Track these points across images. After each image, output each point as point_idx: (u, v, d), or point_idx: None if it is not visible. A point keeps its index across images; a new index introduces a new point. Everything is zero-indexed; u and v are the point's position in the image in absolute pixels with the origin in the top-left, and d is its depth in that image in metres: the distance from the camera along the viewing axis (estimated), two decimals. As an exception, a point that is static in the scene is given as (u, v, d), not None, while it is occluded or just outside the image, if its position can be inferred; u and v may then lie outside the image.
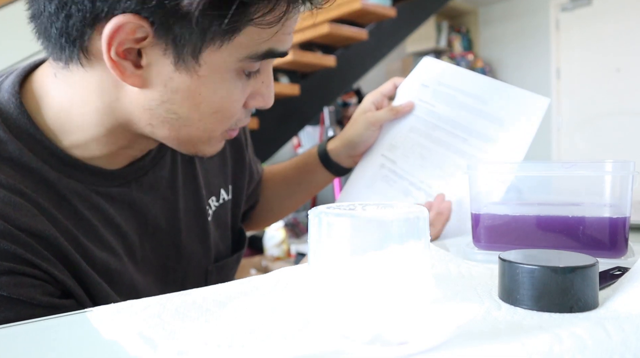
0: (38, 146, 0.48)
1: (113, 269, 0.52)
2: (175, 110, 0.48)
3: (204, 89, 0.47)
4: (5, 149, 0.47)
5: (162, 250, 0.59)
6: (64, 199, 0.49)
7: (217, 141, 0.54)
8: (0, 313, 0.41)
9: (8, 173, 0.46)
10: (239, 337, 0.31)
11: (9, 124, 0.48)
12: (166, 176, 0.60)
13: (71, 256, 0.47)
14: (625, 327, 0.31)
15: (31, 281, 0.43)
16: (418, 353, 0.28)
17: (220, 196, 0.69)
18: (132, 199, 0.56)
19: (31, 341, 0.32)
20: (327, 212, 0.29)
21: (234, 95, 0.49)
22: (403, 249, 0.28)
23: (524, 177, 0.57)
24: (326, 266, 0.29)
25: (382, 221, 0.29)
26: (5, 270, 0.42)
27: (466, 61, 4.92)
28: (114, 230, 0.53)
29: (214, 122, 0.50)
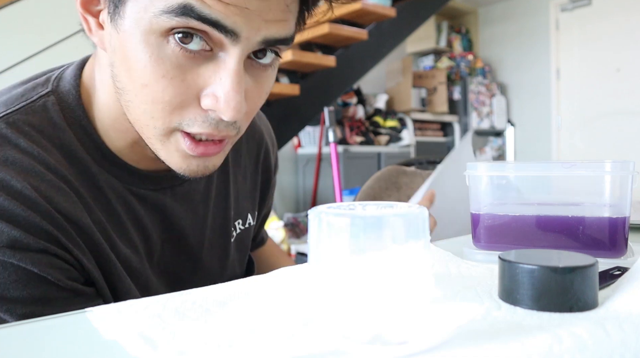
0: (87, 138, 0.50)
1: (134, 267, 0.53)
2: (119, 76, 0.45)
3: (129, 50, 0.43)
4: (59, 136, 0.49)
5: (180, 260, 0.60)
6: (101, 192, 0.51)
7: (176, 148, 0.47)
8: (27, 289, 0.43)
9: (57, 159, 0.48)
10: (239, 337, 0.31)
11: (66, 114, 0.50)
12: (200, 190, 0.60)
13: (101, 246, 0.49)
14: (625, 326, 0.31)
15: (61, 264, 0.45)
16: (418, 353, 0.28)
17: (247, 220, 0.69)
18: (164, 205, 0.56)
19: (31, 341, 0.32)
20: (327, 212, 0.29)
21: (162, 68, 0.42)
22: (403, 249, 0.28)
23: (524, 177, 0.57)
24: (326, 266, 0.29)
25: (382, 221, 0.29)
26: (41, 248, 0.43)
27: (466, 61, 4.92)
28: (140, 230, 0.54)
29: (149, 103, 0.44)
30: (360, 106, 3.98)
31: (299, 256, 3.00)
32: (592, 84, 4.40)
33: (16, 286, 0.43)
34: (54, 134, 0.49)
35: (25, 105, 0.49)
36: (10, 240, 0.42)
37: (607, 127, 4.29)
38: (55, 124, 0.49)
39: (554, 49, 4.63)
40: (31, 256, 0.43)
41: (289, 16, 0.45)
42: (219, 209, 0.63)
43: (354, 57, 2.83)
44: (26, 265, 0.43)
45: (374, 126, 4.09)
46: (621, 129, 4.19)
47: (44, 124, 0.49)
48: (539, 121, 4.76)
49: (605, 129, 4.30)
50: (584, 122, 4.46)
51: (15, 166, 0.44)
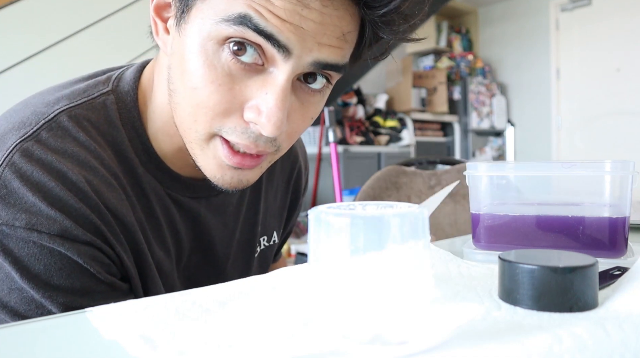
0: (137, 139, 0.52)
1: (165, 270, 0.54)
2: (174, 79, 0.47)
3: (187, 53, 0.44)
4: (113, 134, 0.51)
5: (206, 269, 0.61)
6: (144, 193, 0.52)
7: (213, 155, 0.47)
8: (70, 279, 0.44)
9: (110, 156, 0.50)
10: (239, 337, 0.31)
11: (122, 113, 0.52)
12: (234, 203, 0.62)
13: (140, 246, 0.50)
14: (624, 326, 0.31)
15: (103, 258, 0.46)
16: (418, 353, 0.28)
17: (272, 237, 0.70)
18: (198, 214, 0.58)
19: (31, 341, 0.32)
20: (327, 212, 0.29)
21: (212, 73, 0.43)
22: (403, 249, 0.28)
23: (524, 177, 0.57)
24: (326, 266, 0.29)
25: (382, 220, 0.29)
26: (87, 241, 0.45)
27: (466, 61, 4.92)
28: (173, 235, 0.56)
29: (194, 106, 0.45)
30: (360, 106, 3.98)
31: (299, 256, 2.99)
32: (592, 84, 4.40)
33: (60, 275, 0.44)
34: (108, 132, 0.50)
35: (87, 101, 0.51)
36: (62, 229, 0.43)
37: (607, 127, 4.29)
38: (112, 122, 0.51)
39: (554, 49, 4.63)
40: (77, 247, 0.44)
41: (344, 45, 0.45)
42: (248, 225, 0.65)
43: (354, 57, 2.82)
44: (72, 254, 0.44)
45: (374, 126, 4.09)
46: (621, 129, 4.19)
47: (101, 122, 0.50)
48: (539, 121, 4.76)
49: (605, 129, 4.30)
50: (584, 122, 4.46)
51: (73, 159, 0.46)
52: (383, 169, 1.23)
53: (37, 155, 0.45)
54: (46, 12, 1.94)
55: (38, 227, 0.42)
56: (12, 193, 0.43)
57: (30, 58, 1.88)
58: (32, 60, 1.87)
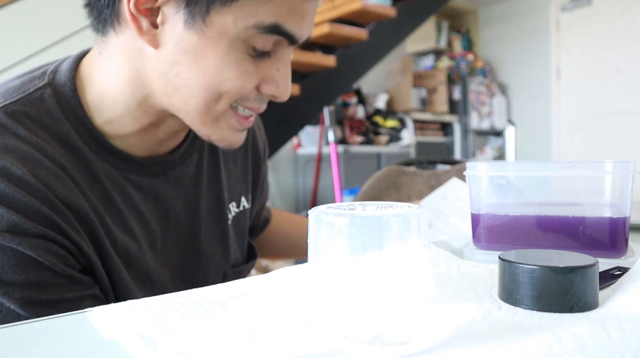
0: (82, 128, 0.52)
1: (132, 254, 0.54)
2: (184, 74, 0.50)
3: (211, 53, 0.48)
4: (55, 126, 0.51)
5: (182, 246, 0.61)
6: (97, 179, 0.52)
7: (228, 126, 0.54)
8: (25, 274, 0.44)
9: (54, 148, 0.49)
10: (239, 337, 0.31)
11: (62, 105, 0.52)
12: (191, 174, 0.62)
13: (97, 232, 0.50)
14: (625, 326, 0.31)
15: (58, 250, 0.46)
16: (418, 353, 0.28)
17: (241, 203, 0.70)
18: (158, 191, 0.58)
19: (31, 341, 0.32)
20: (327, 212, 0.29)
21: (242, 66, 0.50)
22: (403, 249, 0.28)
23: (524, 177, 0.57)
24: (326, 266, 0.29)
25: (382, 220, 0.29)
26: (39, 234, 0.44)
27: (466, 61, 4.92)
28: (137, 217, 0.56)
29: (221, 94, 0.50)
30: (360, 106, 3.98)
31: (299, 256, 2.99)
32: (592, 84, 4.40)
33: (14, 271, 0.43)
34: (50, 125, 0.50)
35: (23, 97, 0.51)
36: (10, 224, 0.43)
37: (607, 127, 4.29)
38: (52, 114, 0.51)
39: (554, 49, 4.63)
40: (29, 241, 0.44)
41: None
42: (212, 192, 0.65)
43: (354, 57, 2.83)
44: (24, 249, 0.44)
45: (374, 126, 4.09)
46: (621, 129, 4.19)
47: (41, 115, 0.50)
48: (539, 121, 4.76)
49: (605, 129, 4.30)
50: (584, 122, 4.46)
51: (15, 154, 0.46)
52: (383, 169, 1.23)
53: None
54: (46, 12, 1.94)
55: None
56: None
57: (30, 58, 1.88)
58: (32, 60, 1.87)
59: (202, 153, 0.65)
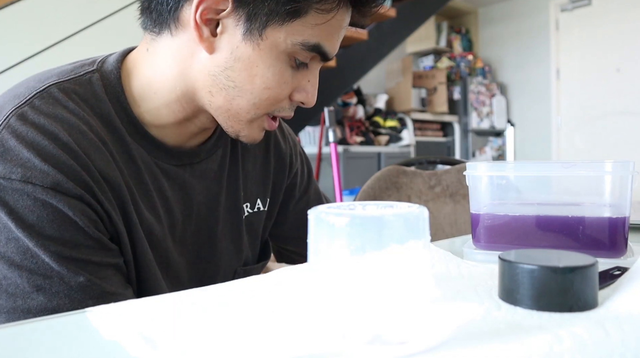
0: (123, 112, 0.57)
1: (155, 234, 0.58)
2: (234, 78, 0.55)
3: (261, 62, 0.55)
4: (99, 106, 0.56)
5: (199, 237, 0.65)
6: (133, 160, 0.57)
7: (258, 126, 0.60)
8: (60, 230, 0.48)
9: (98, 124, 0.55)
10: (239, 336, 0.31)
11: (107, 89, 0.58)
12: (215, 169, 0.67)
13: (127, 206, 0.54)
14: (624, 326, 0.31)
15: (91, 214, 0.50)
16: (418, 353, 0.28)
17: (256, 205, 0.73)
18: (183, 181, 0.62)
19: (31, 341, 0.32)
20: (327, 212, 0.29)
21: (284, 77, 0.56)
22: (403, 249, 0.28)
23: (524, 177, 0.57)
24: (326, 266, 0.29)
25: (382, 220, 0.29)
26: (77, 195, 0.49)
27: (466, 61, 4.92)
28: (163, 202, 0.60)
29: (263, 100, 0.56)
30: (360, 106, 3.98)
31: (299, 256, 2.99)
32: (592, 84, 4.40)
33: (51, 226, 0.47)
34: (95, 104, 0.56)
35: (74, 78, 0.57)
36: (54, 182, 0.47)
37: (607, 127, 4.29)
38: (97, 95, 0.56)
39: (554, 49, 4.63)
40: (68, 201, 0.48)
41: None
42: (231, 190, 0.68)
43: (354, 57, 2.83)
44: (62, 207, 0.48)
45: (374, 126, 4.09)
46: (621, 129, 4.19)
47: (88, 95, 0.56)
48: (539, 121, 4.76)
49: (605, 129, 4.30)
50: (584, 122, 4.46)
51: (64, 123, 0.51)
52: (383, 169, 1.23)
53: (31, 118, 0.50)
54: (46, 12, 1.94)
55: (32, 180, 0.47)
56: (9, 150, 0.48)
57: (30, 58, 1.88)
58: (32, 60, 1.87)
59: (226, 151, 0.69)
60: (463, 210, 1.20)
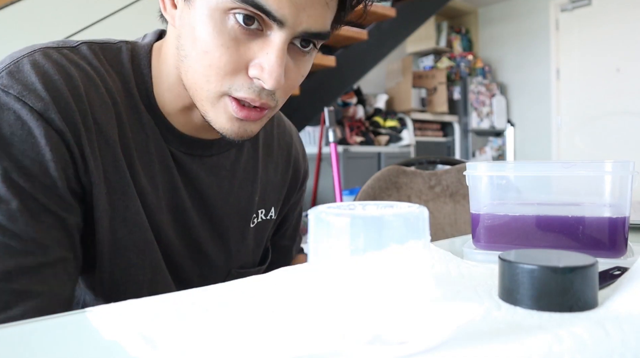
0: (143, 85, 0.59)
1: (149, 202, 0.57)
2: (184, 46, 0.53)
3: (197, 22, 0.51)
4: (123, 73, 0.58)
5: (203, 226, 0.64)
6: (142, 127, 0.58)
7: (224, 111, 0.54)
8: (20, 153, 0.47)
9: (116, 87, 0.56)
10: (239, 337, 0.31)
11: (134, 60, 0.59)
12: (226, 166, 0.66)
13: (119, 161, 0.54)
14: (624, 326, 0.31)
15: (64, 153, 0.50)
16: (418, 353, 0.28)
17: (269, 212, 0.72)
18: (191, 170, 0.62)
19: (31, 341, 0.32)
20: (327, 212, 0.29)
21: (222, 38, 0.50)
22: (403, 249, 0.28)
23: (524, 177, 0.57)
24: (326, 266, 0.29)
25: (382, 220, 0.29)
26: (59, 128, 0.49)
27: (466, 61, 4.92)
28: (167, 178, 0.60)
29: (206, 67, 0.51)
30: (360, 106, 3.98)
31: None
32: (592, 84, 4.40)
33: (19, 146, 0.47)
34: (118, 70, 0.58)
35: (106, 43, 0.59)
36: (44, 108, 0.49)
37: (607, 127, 4.29)
38: (122, 62, 0.58)
39: (554, 49, 4.63)
40: (48, 131, 0.48)
41: (327, 12, 0.52)
42: (244, 191, 0.67)
43: (354, 57, 2.83)
44: (39, 134, 0.48)
45: (374, 126, 4.09)
46: (621, 129, 4.19)
47: (114, 60, 0.58)
48: (539, 121, 4.76)
49: (605, 129, 4.30)
50: (584, 122, 4.46)
51: (82, 72, 0.54)
52: (383, 169, 1.23)
53: (54, 57, 0.52)
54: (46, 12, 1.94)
55: (25, 99, 0.48)
56: (21, 71, 0.50)
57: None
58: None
59: (241, 151, 0.67)
60: (463, 210, 1.20)
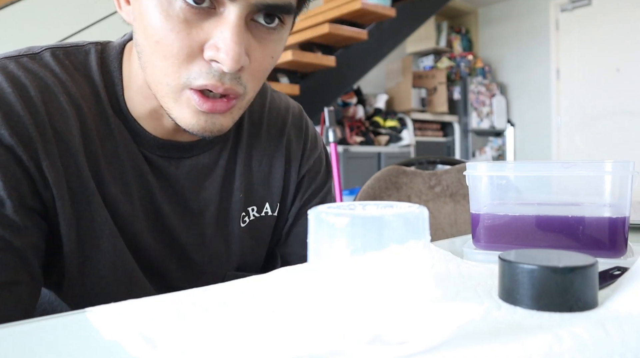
0: (112, 88, 0.56)
1: (120, 213, 0.54)
2: (138, 41, 0.51)
3: (146, 10, 0.48)
4: (90, 76, 0.55)
5: (189, 236, 0.61)
6: (111, 133, 0.55)
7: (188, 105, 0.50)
8: None
9: (85, 93, 0.54)
10: (239, 337, 0.31)
11: (103, 62, 0.57)
12: (209, 166, 0.62)
13: (83, 174, 0.51)
14: (624, 326, 0.31)
15: (15, 170, 0.47)
16: (418, 353, 0.28)
17: (264, 209, 0.67)
18: (168, 174, 0.59)
19: (31, 341, 0.32)
20: (327, 212, 0.29)
21: (171, 23, 0.46)
22: (403, 249, 0.28)
23: (523, 177, 0.57)
24: (326, 266, 0.29)
25: (382, 220, 0.29)
26: (8, 144, 0.46)
27: (466, 61, 4.92)
28: (142, 184, 0.56)
29: (161, 59, 0.48)
30: (360, 106, 3.98)
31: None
32: (592, 84, 4.40)
33: None
34: (87, 74, 0.55)
35: (74, 47, 0.56)
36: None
37: (607, 127, 4.29)
38: (88, 65, 0.56)
39: (554, 49, 4.63)
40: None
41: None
42: (226, 190, 0.63)
43: (354, 57, 2.83)
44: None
45: (374, 126, 4.09)
46: (621, 129, 4.19)
47: (81, 65, 0.55)
48: (539, 121, 4.76)
49: (605, 129, 4.30)
50: (584, 122, 4.46)
51: (39, 80, 0.51)
52: (383, 169, 1.23)
53: (9, 69, 0.50)
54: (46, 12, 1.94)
55: None
56: None
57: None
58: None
59: (225, 147, 0.63)
60: (463, 210, 1.20)
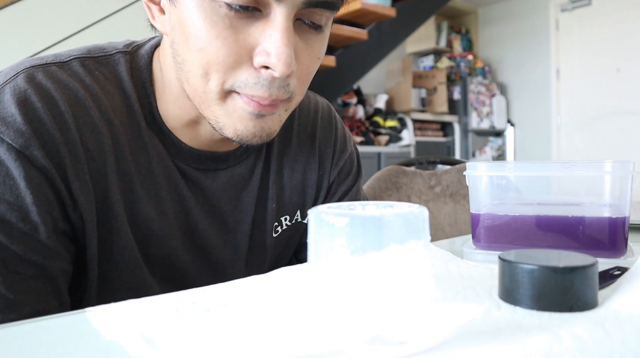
0: (145, 99, 0.54)
1: (154, 231, 0.53)
2: (179, 51, 0.48)
3: (187, 18, 0.46)
4: (123, 87, 0.53)
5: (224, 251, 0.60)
6: (144, 148, 0.53)
7: (235, 111, 0.48)
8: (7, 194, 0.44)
9: (113, 105, 0.51)
10: (239, 337, 0.31)
11: (134, 73, 0.54)
12: (245, 176, 0.61)
13: (112, 196, 0.50)
14: (624, 326, 0.31)
15: (48, 193, 0.45)
16: (418, 353, 0.28)
17: (295, 217, 0.66)
18: (204, 186, 0.57)
19: (31, 341, 0.32)
20: (327, 211, 0.29)
21: (216, 29, 0.45)
22: (403, 249, 0.28)
23: (524, 177, 0.57)
24: (326, 266, 0.29)
25: (382, 220, 0.29)
26: (41, 166, 0.45)
27: (466, 61, 4.92)
28: (178, 200, 0.55)
29: (204, 66, 0.46)
30: (360, 106, 3.98)
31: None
32: (592, 84, 4.40)
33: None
34: (118, 85, 0.53)
35: (102, 55, 0.54)
36: (24, 145, 0.44)
37: (607, 127, 4.29)
38: (120, 76, 0.53)
39: (554, 49, 4.63)
40: (28, 170, 0.44)
41: None
42: (261, 201, 0.62)
43: (354, 57, 2.83)
44: (18, 175, 0.44)
45: (374, 126, 4.09)
46: (621, 129, 4.19)
47: (112, 75, 0.53)
48: (539, 121, 4.76)
49: (605, 129, 4.30)
50: (584, 122, 4.46)
51: (69, 92, 0.48)
52: (383, 169, 1.23)
53: (38, 80, 0.47)
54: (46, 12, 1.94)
55: (4, 135, 0.44)
56: (1, 101, 0.45)
57: (30, 58, 1.87)
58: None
59: (260, 157, 0.62)
60: (463, 210, 1.20)
